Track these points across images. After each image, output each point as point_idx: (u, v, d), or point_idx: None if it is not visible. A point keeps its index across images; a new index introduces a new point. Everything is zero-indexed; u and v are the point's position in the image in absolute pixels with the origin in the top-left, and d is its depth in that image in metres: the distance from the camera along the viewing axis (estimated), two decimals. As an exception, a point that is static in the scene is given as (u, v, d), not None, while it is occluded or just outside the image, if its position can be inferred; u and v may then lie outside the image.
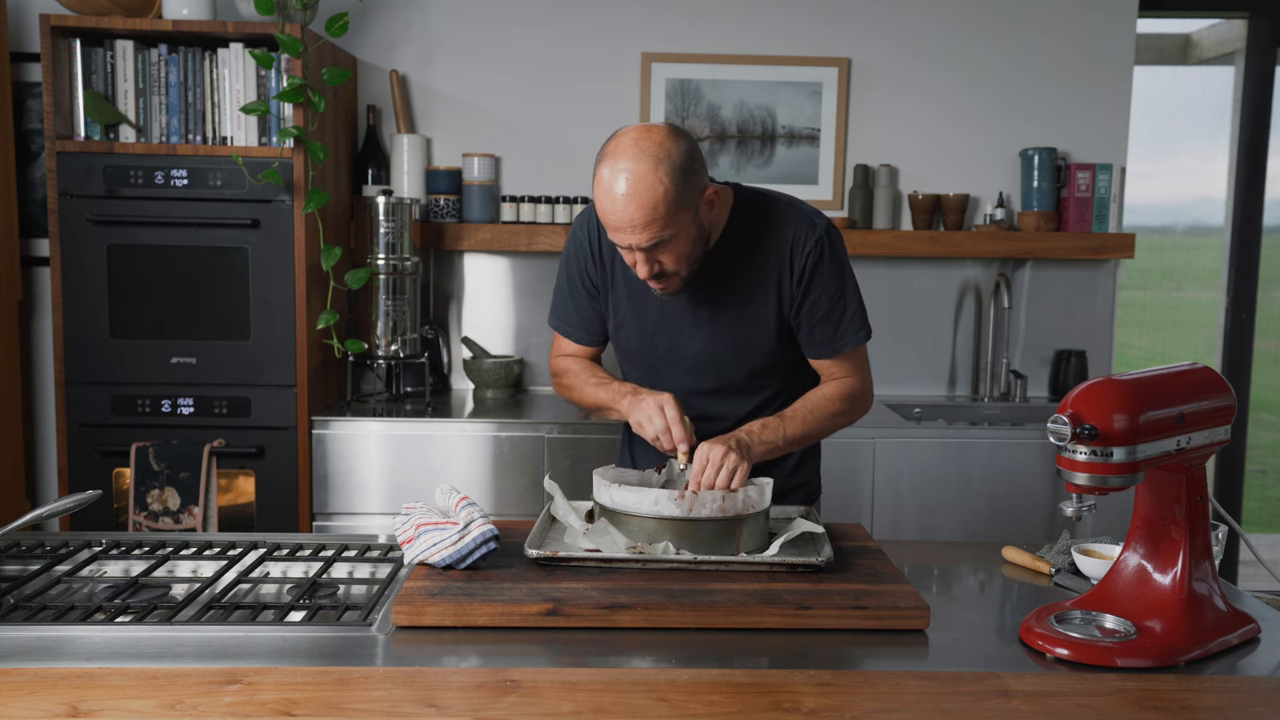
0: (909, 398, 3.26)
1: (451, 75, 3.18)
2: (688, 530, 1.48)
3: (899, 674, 1.20)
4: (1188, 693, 1.16)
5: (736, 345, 1.75)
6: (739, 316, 1.73)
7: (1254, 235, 3.49)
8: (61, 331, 2.70)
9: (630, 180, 1.52)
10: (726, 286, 1.72)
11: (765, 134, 3.20)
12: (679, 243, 1.59)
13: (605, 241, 1.76)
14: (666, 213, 1.54)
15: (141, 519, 2.67)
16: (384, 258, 2.87)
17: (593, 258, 1.79)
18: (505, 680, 1.15)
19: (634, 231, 1.55)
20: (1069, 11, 3.21)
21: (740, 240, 1.71)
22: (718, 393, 1.80)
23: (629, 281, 1.76)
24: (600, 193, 1.56)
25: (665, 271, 1.63)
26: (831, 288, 1.72)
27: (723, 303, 1.73)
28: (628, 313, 1.79)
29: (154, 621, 1.32)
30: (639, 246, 1.57)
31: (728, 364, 1.77)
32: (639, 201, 1.52)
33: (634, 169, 1.52)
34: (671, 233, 1.57)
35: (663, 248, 1.59)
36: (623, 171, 1.52)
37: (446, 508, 1.55)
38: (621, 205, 1.53)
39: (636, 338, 1.80)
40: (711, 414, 1.78)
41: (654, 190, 1.52)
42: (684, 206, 1.56)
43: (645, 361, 1.81)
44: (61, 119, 2.70)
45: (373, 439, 2.73)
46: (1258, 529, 4.18)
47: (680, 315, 1.75)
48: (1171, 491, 1.32)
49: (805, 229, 1.71)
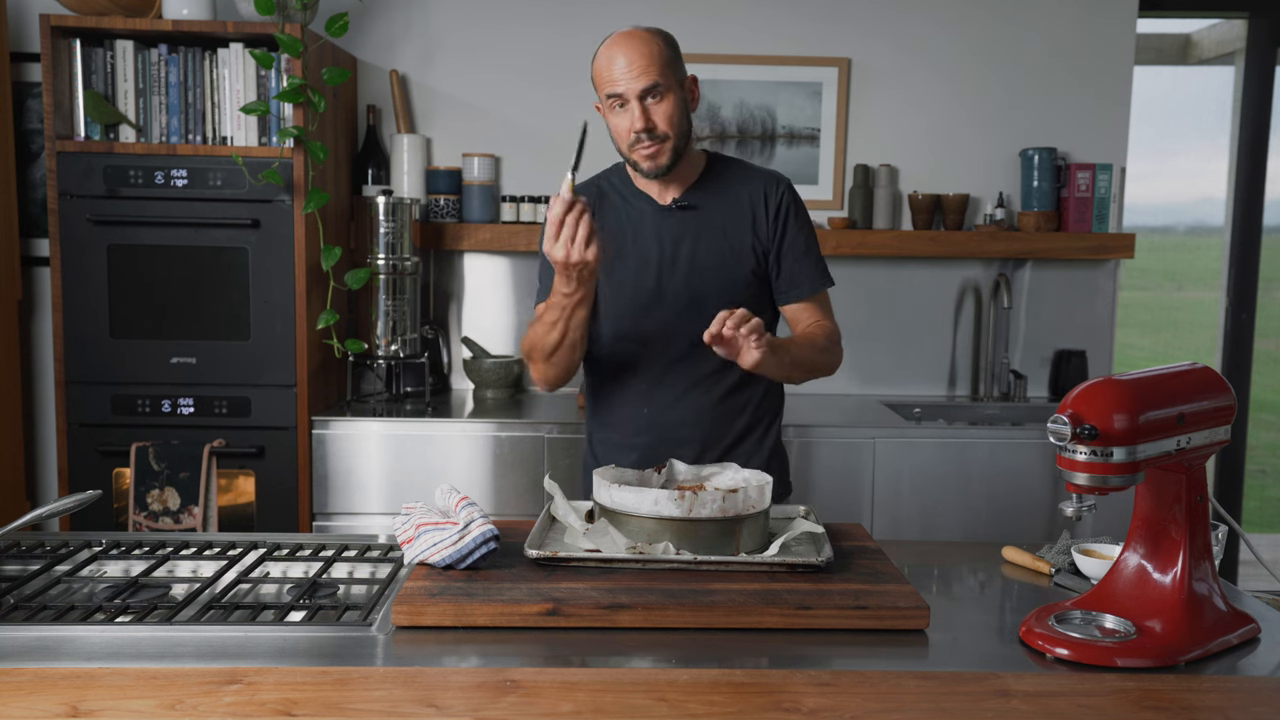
0: (909, 398, 3.26)
1: (451, 75, 3.18)
2: (688, 530, 1.48)
3: (899, 674, 1.20)
4: (1188, 693, 1.16)
5: (718, 282, 1.86)
6: (719, 251, 1.86)
7: (1254, 235, 3.49)
8: (61, 331, 2.70)
9: (631, 34, 1.77)
10: (705, 225, 1.87)
11: (765, 134, 3.20)
12: (670, 102, 1.77)
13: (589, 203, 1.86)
14: (662, 62, 1.75)
15: (141, 519, 2.67)
16: (384, 258, 2.87)
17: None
18: (505, 680, 1.15)
19: (633, 75, 1.73)
20: (1069, 11, 3.21)
21: (715, 185, 1.90)
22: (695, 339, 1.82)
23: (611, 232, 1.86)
24: (601, 55, 1.77)
25: (656, 129, 1.76)
26: (806, 229, 1.91)
27: (702, 240, 1.86)
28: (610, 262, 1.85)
29: (154, 621, 1.32)
30: (637, 92, 1.74)
31: (708, 302, 1.83)
32: (639, 48, 1.75)
33: (634, 30, 1.78)
34: (665, 84, 1.75)
35: (657, 98, 1.76)
36: (623, 33, 1.77)
37: (446, 508, 1.55)
38: (623, 50, 1.75)
39: (618, 286, 1.86)
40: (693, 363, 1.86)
41: (652, 41, 1.76)
42: (674, 67, 1.79)
43: (630, 306, 1.86)
44: (61, 119, 2.70)
45: (373, 439, 2.73)
46: (1258, 529, 4.18)
47: (664, 251, 1.86)
48: (1171, 491, 1.32)
49: (774, 179, 1.92)
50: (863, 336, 3.28)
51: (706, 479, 1.68)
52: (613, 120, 1.80)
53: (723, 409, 1.90)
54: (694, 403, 1.89)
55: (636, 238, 1.88)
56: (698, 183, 1.89)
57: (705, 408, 1.89)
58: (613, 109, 1.78)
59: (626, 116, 1.77)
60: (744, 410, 1.93)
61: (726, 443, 1.91)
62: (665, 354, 1.88)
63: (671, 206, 1.88)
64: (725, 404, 1.90)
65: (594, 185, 1.94)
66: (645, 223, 1.88)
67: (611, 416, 1.95)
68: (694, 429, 1.89)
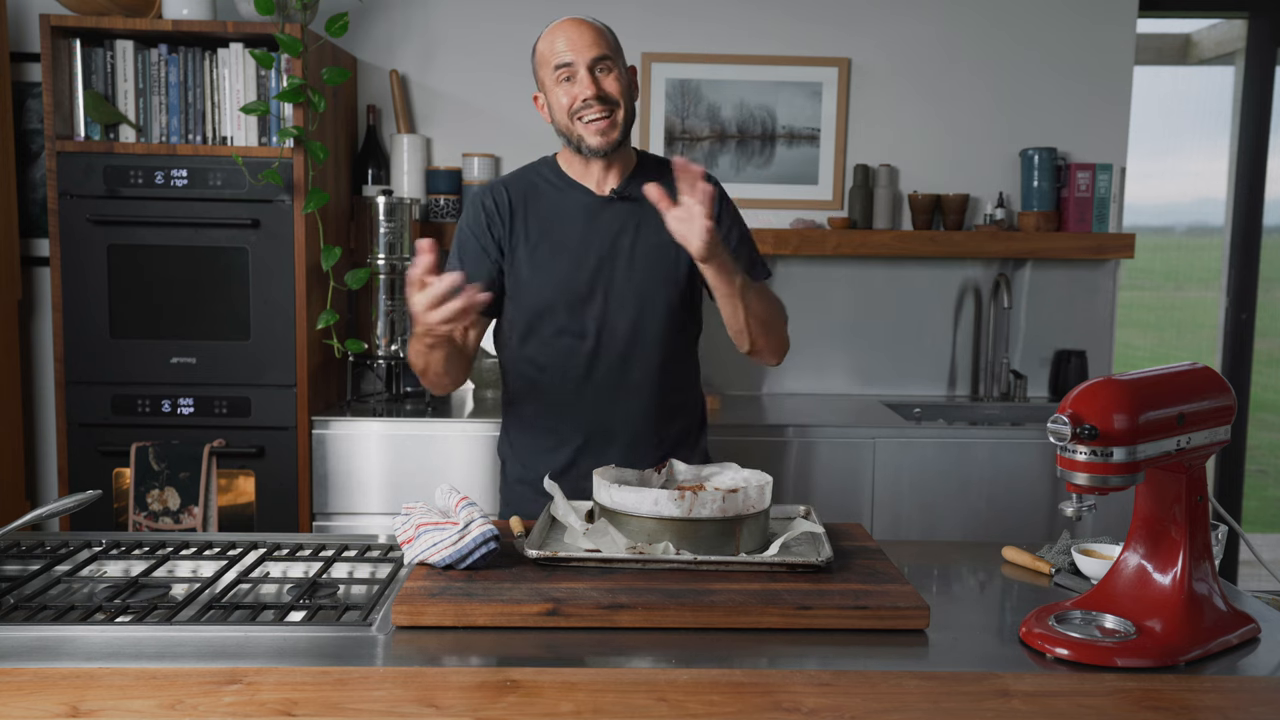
0: (909, 398, 3.26)
1: (451, 75, 3.18)
2: (688, 530, 1.48)
3: (899, 674, 1.20)
4: (1188, 693, 1.16)
5: (658, 276, 1.84)
6: (660, 244, 1.81)
7: (1254, 235, 3.49)
8: (61, 331, 2.70)
9: (574, 19, 1.79)
10: (645, 217, 1.82)
11: (765, 134, 3.20)
12: (618, 76, 1.78)
13: (512, 200, 1.86)
14: (607, 40, 1.79)
15: (141, 519, 2.67)
16: (384, 258, 2.87)
17: (499, 216, 1.85)
18: (505, 680, 1.15)
19: (584, 48, 1.75)
20: (1069, 11, 3.21)
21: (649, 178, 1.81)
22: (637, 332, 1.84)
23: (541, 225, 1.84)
24: (544, 38, 1.80)
25: (609, 96, 1.77)
26: (739, 223, 1.93)
27: (643, 232, 1.84)
28: (545, 255, 1.83)
29: (154, 621, 1.32)
30: (587, 62, 1.75)
31: (649, 293, 1.83)
32: (586, 28, 1.78)
33: (577, 16, 1.81)
34: (613, 59, 1.78)
35: (606, 68, 1.77)
36: (566, 18, 1.80)
37: (446, 508, 1.55)
38: (569, 29, 1.77)
39: (555, 279, 1.82)
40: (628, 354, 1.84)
41: (596, 25, 1.80)
42: (619, 52, 1.81)
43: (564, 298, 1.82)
44: (61, 119, 2.70)
45: (373, 439, 2.73)
46: (1258, 529, 4.19)
47: (603, 243, 1.83)
48: (1171, 491, 1.32)
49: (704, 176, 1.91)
50: (863, 336, 3.28)
51: (707, 479, 1.68)
52: (556, 94, 1.78)
53: (663, 409, 1.87)
54: (632, 404, 1.85)
55: (573, 228, 1.84)
56: (634, 176, 1.86)
57: (643, 408, 1.86)
58: (559, 81, 1.77)
59: (574, 87, 1.76)
60: (680, 411, 1.91)
61: (662, 447, 1.87)
62: (605, 349, 1.83)
63: (611, 197, 1.84)
64: (666, 403, 1.88)
65: (523, 178, 1.89)
66: (582, 213, 1.84)
67: (538, 414, 1.90)
68: (626, 426, 1.85)
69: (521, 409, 1.93)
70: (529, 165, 1.93)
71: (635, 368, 1.85)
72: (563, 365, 1.85)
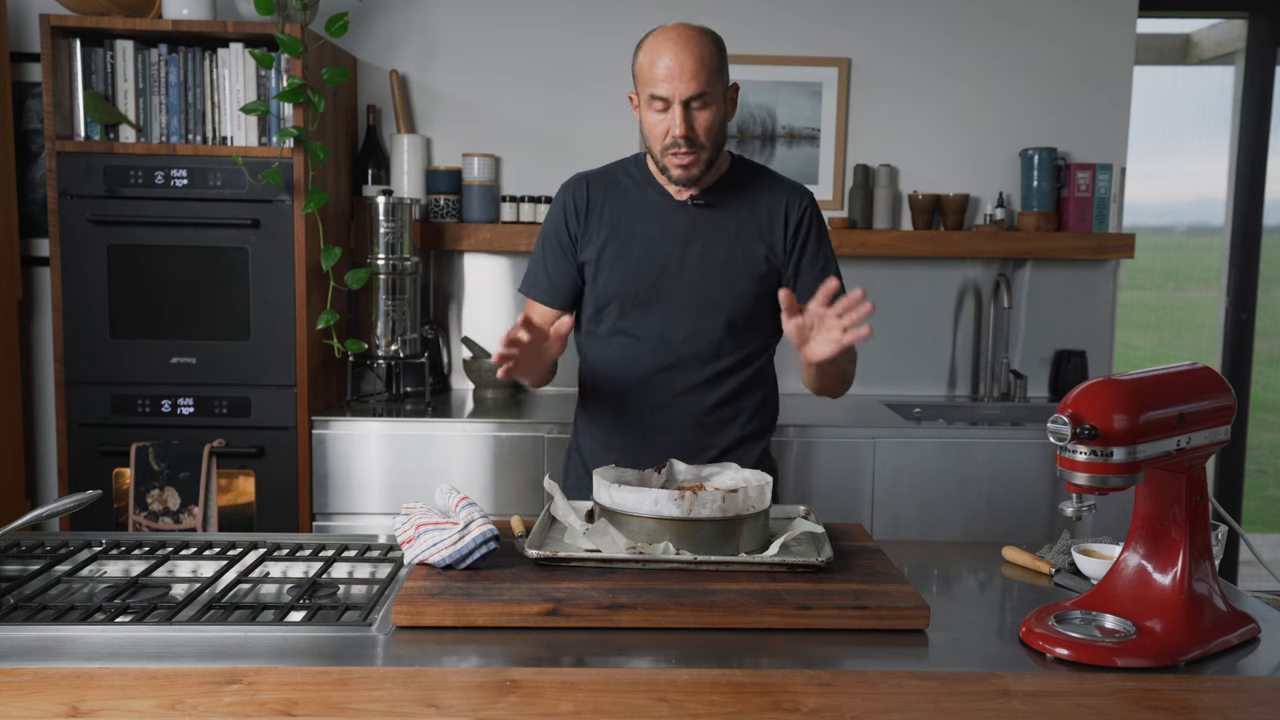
0: (909, 398, 3.26)
1: (451, 75, 3.18)
2: (688, 530, 1.48)
3: (899, 674, 1.20)
4: (1188, 693, 1.16)
5: (724, 286, 1.81)
6: (730, 254, 1.81)
7: (1254, 235, 3.49)
8: (61, 331, 2.70)
9: (683, 34, 1.71)
10: (719, 226, 1.82)
11: (765, 134, 3.20)
12: (712, 111, 1.73)
13: (590, 195, 1.86)
14: (711, 67, 1.71)
15: (141, 519, 2.67)
16: (384, 258, 2.87)
17: (575, 213, 1.86)
18: (505, 680, 1.15)
19: (683, 78, 1.69)
20: (1069, 12, 3.21)
21: (736, 189, 1.85)
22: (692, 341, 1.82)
23: (616, 221, 1.84)
24: (647, 50, 1.74)
25: (696, 139, 1.72)
26: (826, 246, 1.88)
27: (715, 241, 1.82)
28: (615, 252, 1.82)
29: (154, 621, 1.32)
30: (684, 96, 1.69)
31: (710, 304, 1.81)
32: (691, 51, 1.69)
33: (685, 29, 1.73)
34: (711, 94, 1.71)
35: (700, 105, 1.71)
36: (674, 30, 1.73)
37: (446, 508, 1.55)
38: (673, 50, 1.70)
39: (620, 277, 1.82)
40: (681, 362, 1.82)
41: (703, 44, 1.71)
42: (721, 74, 1.74)
43: (629, 299, 1.82)
44: (61, 119, 2.70)
45: (373, 439, 2.73)
46: (1258, 529, 4.19)
47: (673, 247, 1.81)
48: (1171, 491, 1.32)
49: (798, 191, 1.88)
50: (863, 336, 3.28)
51: (707, 479, 1.68)
52: (649, 118, 1.75)
53: (712, 419, 1.85)
54: (682, 409, 1.84)
55: (646, 229, 1.83)
56: (719, 183, 1.84)
57: (693, 415, 1.84)
58: (652, 108, 1.73)
59: (666, 119, 1.72)
60: (733, 422, 1.87)
61: (710, 455, 1.85)
62: (658, 354, 1.82)
63: (687, 202, 1.82)
64: (715, 414, 1.85)
65: (607, 173, 1.90)
66: (657, 215, 1.83)
67: (598, 411, 1.91)
68: (679, 435, 1.83)
69: (585, 402, 1.96)
70: (616, 162, 1.92)
71: (686, 375, 1.83)
72: (618, 363, 1.85)
